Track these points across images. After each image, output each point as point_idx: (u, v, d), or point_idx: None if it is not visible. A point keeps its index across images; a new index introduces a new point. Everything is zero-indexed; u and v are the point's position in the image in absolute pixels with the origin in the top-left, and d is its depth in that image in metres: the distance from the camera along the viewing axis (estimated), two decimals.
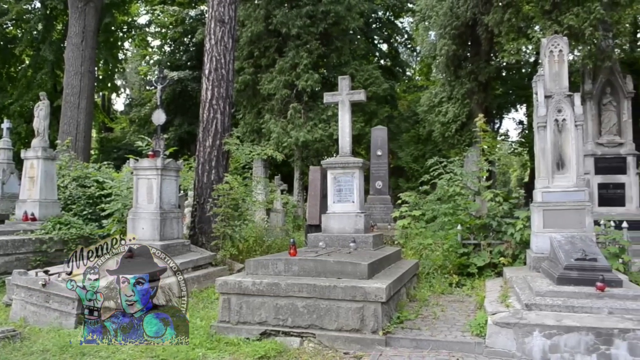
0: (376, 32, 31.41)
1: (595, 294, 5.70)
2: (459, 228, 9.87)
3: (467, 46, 20.83)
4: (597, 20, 12.87)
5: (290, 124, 21.56)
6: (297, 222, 18.38)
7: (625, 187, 13.22)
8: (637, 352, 5.00)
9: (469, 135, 19.23)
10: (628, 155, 13.35)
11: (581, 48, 13.64)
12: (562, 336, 5.21)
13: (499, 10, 15.18)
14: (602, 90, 13.89)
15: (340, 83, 8.90)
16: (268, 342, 5.87)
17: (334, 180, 8.52)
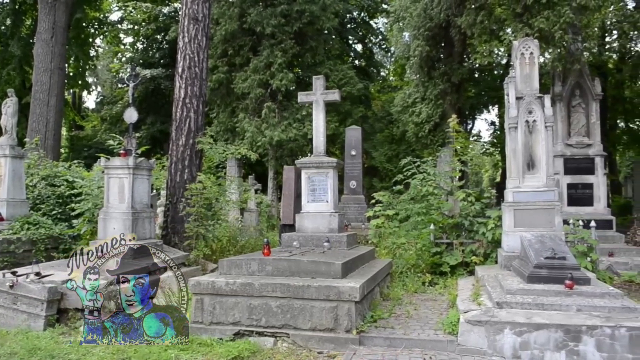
0: (351, 32, 31.50)
1: (564, 291, 5.82)
2: (432, 227, 9.97)
3: (441, 47, 21.03)
4: (566, 24, 13.13)
5: (264, 123, 21.48)
6: (271, 221, 18.32)
7: (593, 187, 13.52)
8: (604, 348, 5.12)
9: (442, 135, 19.43)
10: (596, 156, 13.65)
11: (551, 51, 13.89)
12: (532, 333, 5.30)
13: (471, 13, 15.36)
14: (572, 93, 14.17)
15: (315, 83, 8.90)
16: (242, 343, 5.84)
17: (308, 179, 8.52)
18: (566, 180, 13.57)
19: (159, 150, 25.33)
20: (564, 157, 13.67)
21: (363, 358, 5.42)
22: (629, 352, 5.07)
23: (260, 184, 20.73)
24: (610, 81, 22.79)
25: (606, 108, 22.53)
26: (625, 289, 8.41)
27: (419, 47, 19.09)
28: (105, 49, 36.75)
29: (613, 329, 5.13)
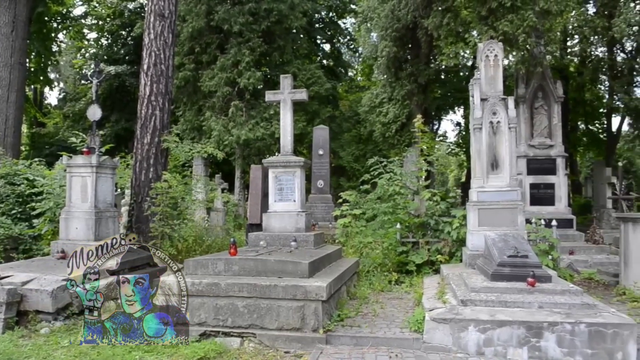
0: (319, 32, 31.51)
1: (526, 289, 5.94)
2: (398, 227, 10.06)
3: (408, 48, 21.20)
4: (529, 28, 13.40)
5: (231, 122, 21.31)
6: (238, 221, 18.21)
7: (555, 187, 13.86)
8: (564, 344, 5.25)
9: (408, 135, 19.60)
10: (558, 157, 13.99)
11: (515, 53, 14.17)
12: (495, 330, 5.40)
13: (438, 15, 15.55)
14: (535, 95, 14.49)
15: (283, 82, 8.88)
16: (207, 343, 5.78)
17: (275, 179, 8.50)
18: (529, 181, 13.87)
19: (124, 149, 24.88)
20: (527, 158, 13.97)
21: (330, 357, 5.43)
22: (588, 347, 5.22)
23: (227, 183, 20.56)
24: (571, 84, 23.35)
25: (567, 110, 23.11)
26: (585, 286, 8.65)
27: (386, 48, 19.21)
28: (68, 44, 35.85)
29: (573, 325, 5.26)
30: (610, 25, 15.91)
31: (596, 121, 28.65)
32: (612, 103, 22.26)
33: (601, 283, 9.35)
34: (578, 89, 24.40)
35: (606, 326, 5.23)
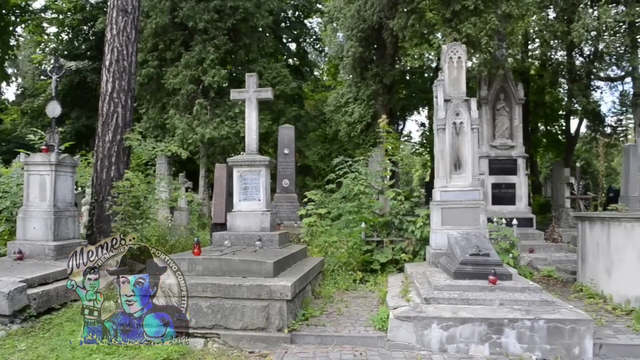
0: (285, 31, 31.44)
1: (488, 286, 6.06)
2: (363, 226, 10.12)
3: (373, 49, 21.34)
4: (492, 31, 13.66)
5: (195, 120, 21.06)
6: (202, 220, 18.01)
7: (515, 187, 14.18)
8: (524, 339, 5.38)
9: (373, 135, 19.73)
10: (518, 158, 14.32)
11: (478, 56, 14.42)
12: (457, 327, 5.49)
13: (403, 16, 15.69)
14: (497, 96, 14.79)
15: (248, 80, 8.83)
16: (170, 345, 5.69)
17: (240, 178, 8.44)
18: (491, 180, 14.15)
19: (85, 147, 24.26)
20: (489, 158, 14.24)
21: (295, 356, 5.43)
22: (547, 342, 5.35)
23: (191, 182, 20.32)
24: (532, 87, 23.90)
25: (528, 112, 23.65)
26: (544, 284, 8.88)
27: (352, 48, 19.30)
28: (27, 38, 34.81)
29: (532, 321, 5.39)
30: (569, 30, 16.34)
31: (555, 123, 29.43)
32: (570, 105, 22.87)
33: (560, 280, 9.61)
34: (538, 91, 25.01)
35: (564, 322, 5.38)
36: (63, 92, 25.88)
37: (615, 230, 7.57)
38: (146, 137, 15.93)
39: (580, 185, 17.95)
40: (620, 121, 26.20)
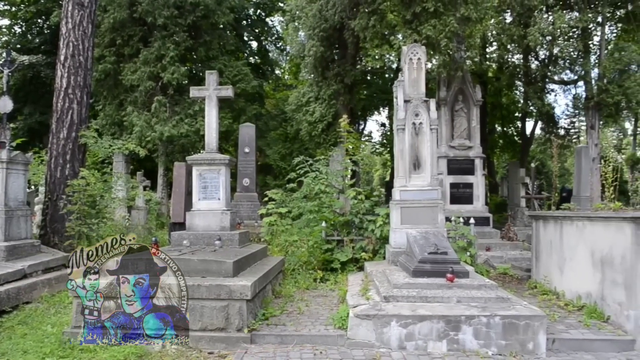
0: (246, 29, 31.18)
1: (445, 284, 6.15)
2: (323, 225, 10.14)
3: (335, 49, 21.41)
4: (451, 33, 13.90)
5: (154, 118, 20.69)
6: (160, 220, 17.73)
7: (473, 186, 14.48)
8: (481, 335, 5.49)
9: (334, 135, 19.79)
10: (476, 158, 14.62)
11: (437, 57, 14.65)
12: (416, 325, 5.56)
13: (364, 17, 15.80)
14: (455, 98, 15.07)
15: (208, 78, 8.72)
16: (128, 346, 5.58)
17: (199, 177, 8.34)
18: (449, 180, 14.40)
19: (38, 144, 23.55)
20: (447, 158, 14.49)
21: (254, 356, 5.40)
22: (503, 338, 5.48)
23: (149, 180, 19.99)
24: (489, 89, 24.40)
25: (486, 113, 24.15)
26: (500, 281, 9.08)
27: (313, 47, 19.32)
28: None
29: (489, 318, 5.51)
30: (525, 34, 16.77)
31: (511, 124, 30.13)
32: (526, 108, 23.46)
33: (515, 277, 9.85)
34: (496, 93, 25.56)
35: (519, 318, 5.51)
36: (15, 87, 25.01)
37: (568, 229, 7.81)
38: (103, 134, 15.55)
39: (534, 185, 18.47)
40: (573, 123, 27.05)
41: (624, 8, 18.98)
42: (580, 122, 25.69)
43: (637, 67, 17.65)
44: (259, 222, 14.64)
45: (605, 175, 8.60)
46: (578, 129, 26.28)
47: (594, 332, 6.07)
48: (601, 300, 6.74)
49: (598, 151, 17.67)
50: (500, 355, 5.43)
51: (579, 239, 7.44)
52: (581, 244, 7.37)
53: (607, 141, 19.69)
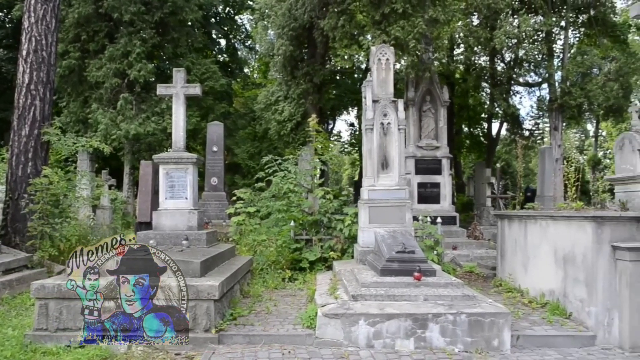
0: (215, 27, 30.89)
1: (413, 283, 6.21)
2: (292, 224, 10.13)
3: (304, 48, 21.41)
4: (419, 34, 14.04)
5: (120, 115, 20.30)
6: (126, 219, 17.44)
7: (440, 186, 14.66)
8: (447, 333, 5.56)
9: (303, 134, 19.79)
10: (443, 158, 14.81)
11: (406, 58, 14.79)
12: (384, 323, 5.59)
13: (334, 16, 15.83)
14: (423, 98, 15.23)
15: (175, 75, 8.61)
16: (92, 349, 5.47)
17: (166, 175, 8.22)
18: (417, 180, 14.55)
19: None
20: (415, 158, 14.64)
21: (222, 357, 5.35)
22: (469, 335, 5.56)
23: (115, 179, 19.64)
24: (457, 90, 24.76)
25: (453, 114, 24.50)
26: (466, 279, 9.21)
27: (282, 46, 19.29)
28: None
29: (455, 316, 5.58)
30: (492, 37, 17.08)
31: (478, 125, 30.65)
32: (492, 109, 23.90)
33: (481, 276, 10.01)
34: (462, 94, 25.94)
35: (484, 315, 5.60)
36: None
37: (532, 228, 7.97)
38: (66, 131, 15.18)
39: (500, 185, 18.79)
40: (537, 125, 27.68)
41: (586, 13, 19.50)
42: (544, 123, 26.32)
43: (598, 70, 18.14)
44: (227, 221, 14.53)
45: (568, 176, 8.80)
46: (542, 130, 26.91)
47: (556, 329, 6.21)
48: (564, 298, 6.90)
49: (561, 152, 18.09)
50: (466, 352, 5.51)
51: (543, 237, 7.60)
52: (544, 242, 7.53)
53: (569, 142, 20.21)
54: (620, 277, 5.97)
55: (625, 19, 23.97)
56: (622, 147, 7.20)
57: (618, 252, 6.00)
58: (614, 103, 17.37)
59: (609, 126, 34.44)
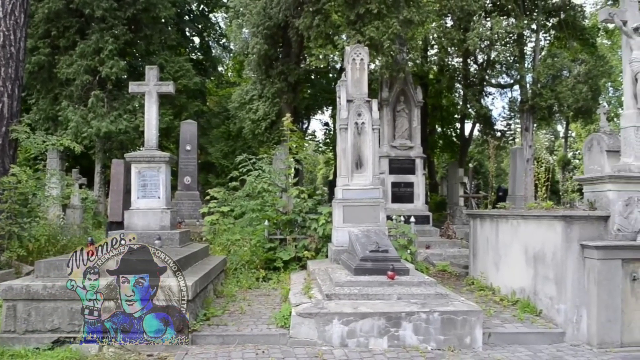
0: (189, 24, 30.56)
1: (386, 282, 6.25)
2: (266, 224, 10.10)
3: (279, 47, 21.31)
4: (394, 35, 14.12)
5: (91, 113, 19.94)
6: (97, 219, 17.16)
7: (414, 186, 14.78)
8: (420, 331, 5.61)
9: (278, 133, 19.70)
10: (417, 158, 14.93)
11: (380, 58, 14.87)
12: (358, 322, 5.61)
13: (309, 16, 15.81)
14: (397, 99, 15.34)
15: (148, 73, 8.52)
16: (62, 351, 5.38)
17: (138, 174, 8.13)
18: (391, 179, 14.64)
19: None
20: (389, 158, 14.73)
21: (195, 357, 5.30)
22: (441, 333, 5.62)
23: (85, 178, 19.26)
24: (430, 90, 24.99)
25: (426, 114, 24.73)
26: (439, 278, 9.31)
27: (257, 45, 19.17)
28: None
29: (428, 314, 5.63)
30: (465, 38, 17.28)
31: (451, 126, 30.99)
32: (465, 109, 24.19)
33: (453, 274, 10.12)
34: (436, 95, 26.20)
35: (457, 314, 5.67)
36: None
37: (503, 227, 8.09)
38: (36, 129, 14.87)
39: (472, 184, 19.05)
40: (509, 125, 28.16)
41: (556, 17, 19.87)
42: (515, 124, 26.76)
43: (568, 73, 18.48)
44: (200, 221, 14.41)
45: (538, 176, 8.98)
46: (514, 131, 27.33)
47: (527, 326, 6.32)
48: (534, 295, 7.02)
49: (532, 152, 18.40)
50: (439, 350, 5.57)
51: (514, 236, 7.72)
52: (515, 241, 7.65)
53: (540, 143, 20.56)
54: (589, 274, 6.10)
55: (594, 22, 24.49)
56: (590, 148, 7.35)
57: (586, 250, 6.13)
58: (583, 105, 17.71)
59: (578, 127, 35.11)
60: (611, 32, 27.65)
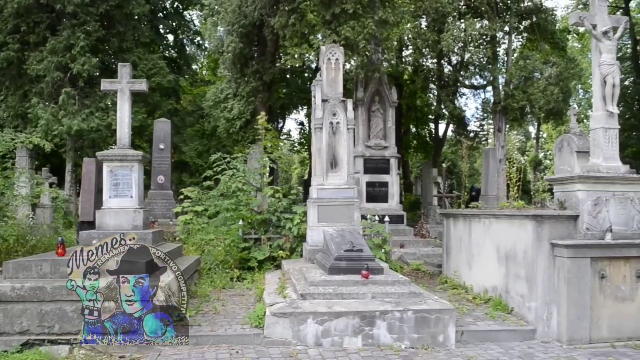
0: (163, 22, 30.20)
1: (361, 281, 6.28)
2: (240, 223, 10.05)
3: (254, 46, 21.18)
4: (369, 35, 14.18)
5: (62, 111, 19.56)
6: (68, 218, 16.84)
7: (388, 185, 14.86)
8: (394, 330, 5.65)
9: (252, 132, 19.60)
10: (391, 158, 15.02)
11: (355, 58, 14.91)
12: (332, 321, 5.63)
13: (284, 15, 15.77)
14: (372, 99, 15.40)
15: (120, 70, 8.40)
16: (30, 354, 5.29)
17: (110, 173, 8.02)
18: (365, 179, 14.69)
19: None
20: (364, 158, 14.78)
21: (168, 358, 5.26)
22: (415, 332, 5.67)
23: (56, 177, 18.93)
24: (405, 91, 25.13)
25: (401, 115, 24.86)
26: (413, 277, 9.38)
27: (232, 43, 19.04)
28: None
29: (402, 313, 5.68)
30: (439, 40, 17.45)
31: (425, 126, 31.24)
32: (439, 110, 24.42)
33: (427, 273, 10.21)
34: (411, 95, 26.36)
35: (430, 312, 5.73)
36: None
37: (476, 226, 8.19)
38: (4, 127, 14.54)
39: (446, 184, 19.25)
40: (482, 126, 28.54)
41: (528, 19, 20.18)
42: (488, 125, 27.10)
43: (540, 75, 18.77)
44: (174, 220, 14.27)
45: (510, 176, 9.10)
46: (486, 132, 27.69)
47: (499, 324, 6.42)
48: (506, 293, 7.13)
49: (504, 153, 18.64)
50: (413, 348, 5.61)
51: (486, 235, 7.82)
52: (488, 240, 7.76)
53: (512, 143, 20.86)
54: (559, 273, 6.22)
55: (565, 26, 24.94)
56: (561, 149, 7.50)
57: (556, 249, 6.25)
58: (554, 106, 18.02)
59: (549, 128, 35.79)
60: (581, 36, 28.22)
